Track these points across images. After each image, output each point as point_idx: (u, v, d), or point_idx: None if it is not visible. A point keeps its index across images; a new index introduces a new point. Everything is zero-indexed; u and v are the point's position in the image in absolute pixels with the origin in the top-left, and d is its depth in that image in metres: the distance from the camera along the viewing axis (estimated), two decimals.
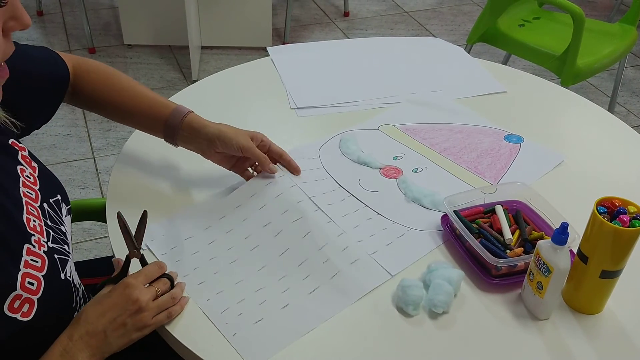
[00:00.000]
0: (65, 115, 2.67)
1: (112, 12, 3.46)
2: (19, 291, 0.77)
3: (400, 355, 0.85)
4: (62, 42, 3.18)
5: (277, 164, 1.11)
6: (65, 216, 0.95)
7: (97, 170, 2.41)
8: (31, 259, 0.81)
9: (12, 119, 0.91)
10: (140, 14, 3.06)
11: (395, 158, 1.22)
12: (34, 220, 0.85)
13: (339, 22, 3.52)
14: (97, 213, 1.23)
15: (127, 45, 3.17)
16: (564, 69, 2.15)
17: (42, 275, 0.81)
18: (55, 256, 0.86)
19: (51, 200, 0.91)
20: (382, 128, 1.31)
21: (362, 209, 1.09)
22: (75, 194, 2.28)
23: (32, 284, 0.79)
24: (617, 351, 0.87)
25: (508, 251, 0.97)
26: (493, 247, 0.97)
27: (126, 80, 1.11)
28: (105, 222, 1.04)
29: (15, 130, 0.92)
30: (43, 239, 0.85)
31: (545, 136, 1.30)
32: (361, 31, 3.45)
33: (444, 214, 1.06)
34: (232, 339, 0.85)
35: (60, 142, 2.54)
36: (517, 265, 0.94)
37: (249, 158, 1.08)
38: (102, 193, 2.30)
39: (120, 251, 0.95)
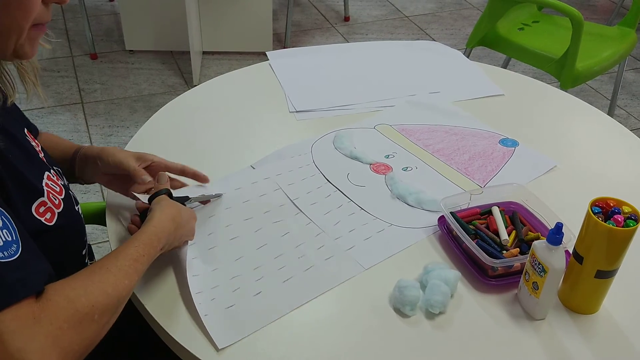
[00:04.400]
0: (67, 121, 2.68)
1: (113, 18, 3.48)
2: (45, 199, 0.86)
3: (397, 356, 0.85)
4: (64, 48, 3.20)
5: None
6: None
7: None
8: (51, 183, 0.89)
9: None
10: (141, 19, 3.07)
11: (387, 156, 1.23)
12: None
13: (340, 27, 3.54)
14: (98, 216, 1.24)
15: (129, 51, 3.18)
16: (563, 72, 2.16)
17: (62, 198, 0.90)
18: (70, 192, 0.95)
19: (55, 168, 0.97)
20: (378, 127, 1.32)
21: (346, 204, 1.10)
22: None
23: (55, 199, 0.88)
24: (613, 351, 0.88)
25: (504, 252, 0.98)
26: (489, 247, 0.97)
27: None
28: (106, 226, 1.05)
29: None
30: (59, 176, 0.94)
31: (544, 139, 1.30)
32: (361, 36, 3.46)
33: (441, 215, 1.07)
34: (203, 319, 0.87)
35: None
36: (513, 265, 0.95)
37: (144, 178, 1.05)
38: (103, 197, 2.31)
39: None
